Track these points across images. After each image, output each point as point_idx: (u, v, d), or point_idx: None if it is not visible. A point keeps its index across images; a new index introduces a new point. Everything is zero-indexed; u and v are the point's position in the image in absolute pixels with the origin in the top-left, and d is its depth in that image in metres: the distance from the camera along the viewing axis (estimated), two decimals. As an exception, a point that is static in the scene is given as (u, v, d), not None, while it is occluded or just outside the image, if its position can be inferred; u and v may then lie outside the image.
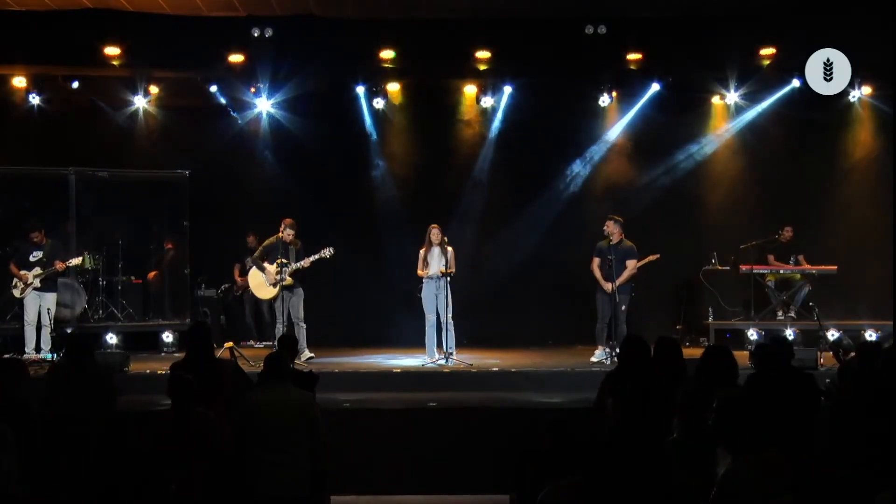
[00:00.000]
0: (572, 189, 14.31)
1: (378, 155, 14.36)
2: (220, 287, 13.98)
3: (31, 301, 11.77)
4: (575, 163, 14.29)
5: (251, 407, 6.00)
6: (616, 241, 11.40)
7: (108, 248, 13.47)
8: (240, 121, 14.02)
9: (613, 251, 11.31)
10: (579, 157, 14.28)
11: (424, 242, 11.69)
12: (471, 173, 14.30)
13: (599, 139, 14.26)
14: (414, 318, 12.04)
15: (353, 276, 13.58)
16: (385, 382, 10.45)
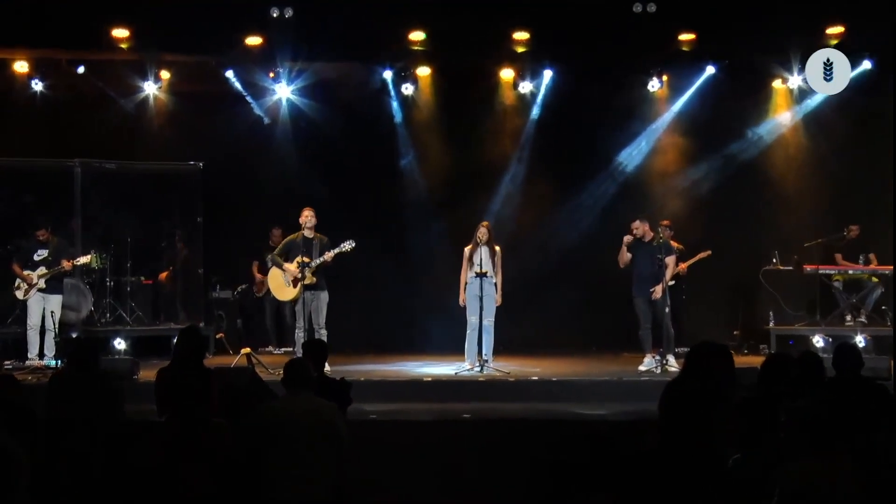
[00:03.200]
0: (618, 181, 14.27)
1: (406, 145, 14.40)
2: (237, 288, 14.06)
3: (34, 303, 11.88)
4: (621, 153, 14.25)
5: (269, 417, 6.00)
6: (650, 239, 11.41)
7: (116, 247, 13.59)
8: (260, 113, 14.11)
9: (648, 249, 11.33)
10: (626, 147, 14.24)
11: (471, 240, 11.68)
12: (507, 165, 14.29)
13: (648, 127, 14.20)
14: (446, 322, 12.06)
15: (380, 276, 13.61)
16: (415, 392, 10.49)
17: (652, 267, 11.35)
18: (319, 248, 11.31)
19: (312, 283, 11.32)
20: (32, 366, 11.46)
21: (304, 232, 11.40)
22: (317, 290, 11.40)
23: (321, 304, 11.42)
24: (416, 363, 12.31)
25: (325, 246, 11.32)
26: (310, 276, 11.26)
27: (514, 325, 12.92)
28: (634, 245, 11.53)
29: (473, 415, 9.40)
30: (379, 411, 9.44)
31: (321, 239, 11.42)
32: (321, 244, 11.36)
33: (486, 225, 11.67)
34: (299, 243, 11.38)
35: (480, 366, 11.20)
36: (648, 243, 11.43)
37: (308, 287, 11.32)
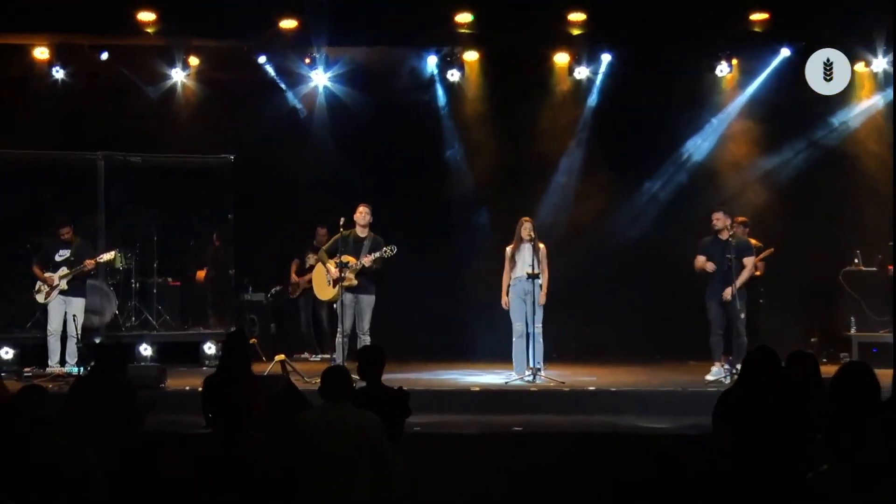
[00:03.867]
0: (684, 174, 14.17)
1: (452, 136, 14.42)
2: (270, 290, 14.14)
3: (55, 307, 11.99)
4: (687, 143, 14.15)
5: (305, 430, 6.00)
6: (727, 237, 11.27)
7: (142, 246, 13.75)
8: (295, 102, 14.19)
9: (725, 248, 11.19)
10: (692, 136, 14.14)
11: (514, 238, 11.65)
12: (561, 157, 14.25)
13: (716, 115, 14.09)
14: (495, 328, 12.04)
15: (424, 278, 13.61)
16: (462, 403, 10.48)
17: (723, 267, 11.21)
18: (370, 249, 11.33)
19: (353, 285, 11.33)
20: (53, 373, 11.59)
21: (357, 230, 11.44)
22: (360, 293, 11.42)
23: (364, 308, 11.44)
24: (462, 372, 12.32)
25: (376, 246, 11.32)
26: (350, 278, 11.29)
27: (569, 330, 12.88)
28: (711, 243, 11.36)
29: (525, 428, 9.38)
30: (423, 423, 9.38)
31: (374, 238, 11.43)
32: (373, 244, 11.37)
33: (528, 220, 11.61)
34: (349, 241, 11.41)
35: (532, 375, 11.17)
36: (725, 241, 11.26)
37: (349, 289, 11.34)
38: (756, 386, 6.26)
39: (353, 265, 11.27)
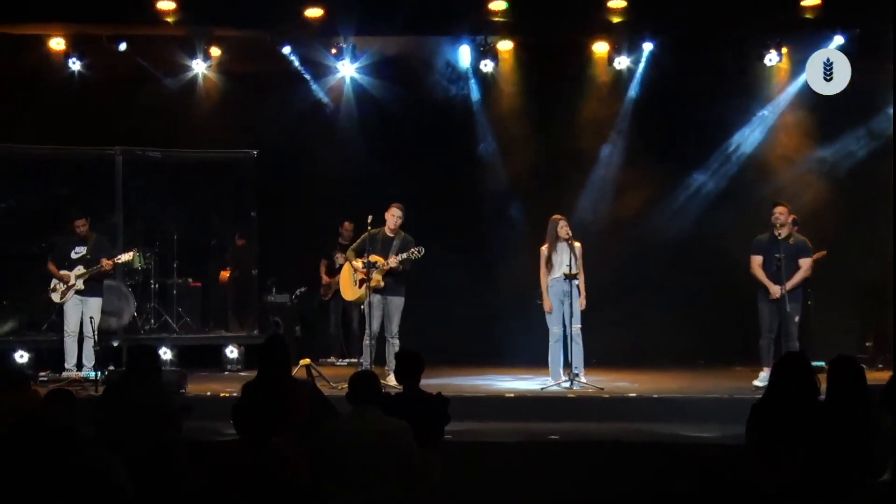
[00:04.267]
0: (731, 167, 14.09)
1: (485, 130, 14.42)
2: (295, 291, 14.16)
3: (71, 307, 12.04)
4: (734, 137, 14.07)
5: (330, 438, 6.00)
6: (785, 235, 11.14)
7: (161, 244, 13.85)
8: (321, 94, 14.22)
9: (783, 247, 11.06)
10: (739, 129, 14.06)
11: (547, 237, 11.63)
12: (600, 151, 14.21)
13: (765, 107, 14.00)
14: (531, 330, 12.01)
15: (455, 278, 13.62)
16: (496, 409, 10.47)
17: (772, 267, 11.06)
18: (399, 248, 11.32)
19: (380, 286, 11.31)
20: (69, 378, 11.62)
21: (386, 229, 11.43)
22: (388, 294, 11.41)
23: (393, 310, 11.44)
24: (496, 377, 12.31)
25: (406, 246, 11.31)
26: (377, 279, 11.27)
27: (608, 333, 12.81)
28: (769, 241, 11.22)
29: (562, 436, 9.35)
30: (455, 431, 9.23)
31: (404, 238, 11.42)
32: (402, 243, 11.36)
33: (562, 218, 11.56)
34: (377, 240, 11.39)
35: (570, 380, 11.13)
36: (783, 239, 11.12)
37: (377, 290, 11.33)
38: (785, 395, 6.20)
39: (381, 265, 11.27)
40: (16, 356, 12.56)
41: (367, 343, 11.40)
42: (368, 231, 11.40)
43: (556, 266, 11.47)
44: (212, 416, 9.28)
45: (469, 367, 13.03)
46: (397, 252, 11.27)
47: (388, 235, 11.43)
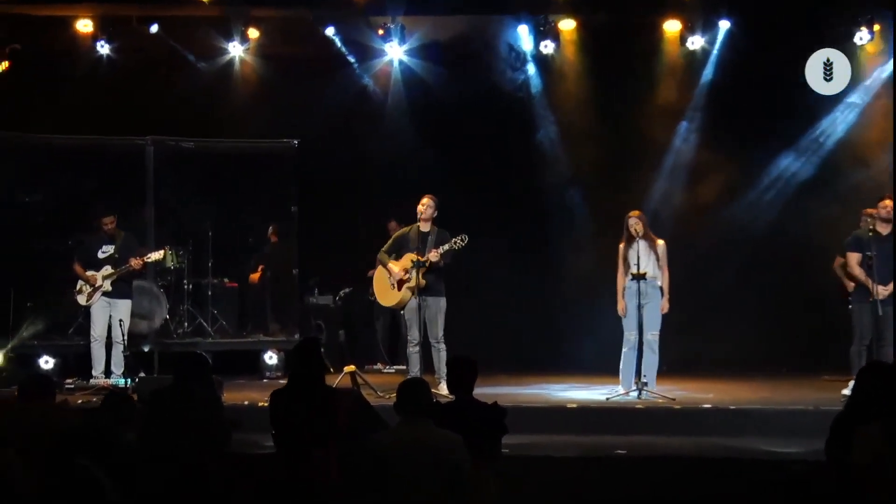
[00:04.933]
0: (815, 158, 13.94)
1: (545, 117, 14.38)
2: (339, 292, 14.20)
3: (99, 311, 12.11)
4: (823, 121, 13.91)
5: (377, 451, 6.00)
6: (888, 232, 10.98)
7: (195, 242, 13.92)
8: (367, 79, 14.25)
9: (881, 245, 10.91)
10: (827, 114, 13.90)
11: (623, 234, 11.58)
12: (671, 139, 14.12)
13: (855, 88, 13.82)
14: (596, 335, 11.97)
15: (513, 279, 13.64)
16: (557, 421, 10.43)
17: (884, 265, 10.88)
18: (436, 244, 11.21)
19: (422, 286, 11.21)
20: (97, 385, 11.72)
21: (420, 224, 11.34)
22: (428, 294, 11.29)
23: (436, 312, 11.34)
24: (558, 386, 12.26)
25: (443, 241, 11.20)
26: (416, 279, 11.18)
27: (680, 337, 12.70)
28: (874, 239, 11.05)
29: (629, 451, 9.31)
30: (513, 445, 9.22)
31: (440, 232, 11.33)
32: (439, 238, 11.26)
33: (636, 215, 11.50)
34: (412, 238, 11.34)
35: (638, 390, 11.06)
36: (886, 237, 10.96)
37: (419, 292, 11.22)
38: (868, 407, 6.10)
39: (416, 264, 11.15)
40: (40, 362, 12.67)
41: (412, 351, 11.37)
42: (402, 230, 11.49)
43: (632, 266, 11.39)
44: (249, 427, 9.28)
45: (526, 374, 13.02)
46: (435, 246, 11.19)
47: (422, 231, 11.33)
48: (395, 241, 11.56)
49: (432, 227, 11.35)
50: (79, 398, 11.15)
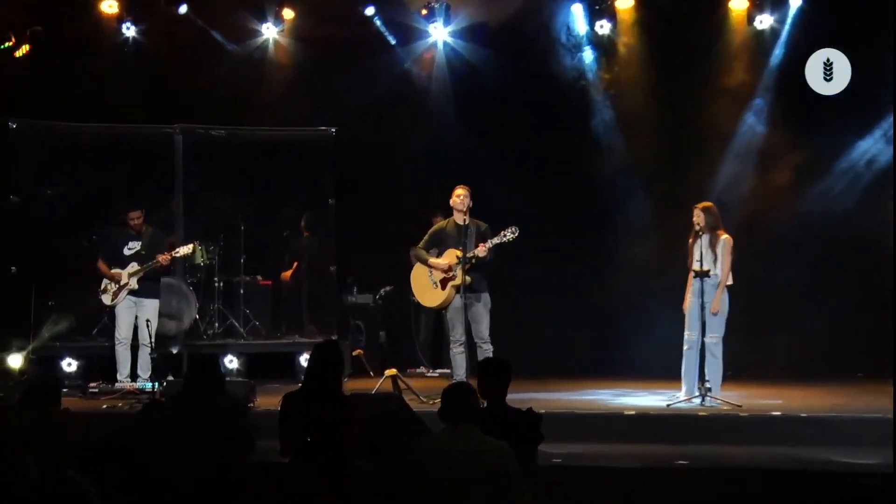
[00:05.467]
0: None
1: (601, 102, 14.32)
2: (379, 291, 14.20)
3: (124, 310, 12.17)
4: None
5: (422, 460, 5.99)
6: None
7: (226, 237, 14.01)
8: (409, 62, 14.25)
9: None
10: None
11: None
12: (738, 125, 14.01)
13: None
14: (655, 336, 11.92)
15: (565, 276, 13.63)
16: (613, 429, 10.41)
17: None
18: (475, 239, 11.20)
19: (467, 283, 11.18)
20: (123, 389, 11.79)
21: (456, 217, 11.35)
22: (475, 292, 11.27)
23: (481, 311, 11.33)
24: (614, 391, 12.24)
25: (483, 235, 11.23)
26: (461, 277, 11.16)
27: (746, 340, 12.62)
28: None
29: (692, 461, 9.25)
30: (565, 454, 9.38)
31: (478, 226, 11.33)
32: (478, 233, 11.27)
33: (700, 207, 11.42)
34: (450, 233, 11.35)
35: (702, 395, 11.01)
36: None
37: (461, 290, 11.18)
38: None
39: (460, 260, 11.15)
40: (63, 364, 12.78)
41: (456, 352, 11.33)
42: (439, 224, 11.50)
43: (696, 261, 11.32)
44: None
45: (581, 378, 13.02)
46: (476, 242, 11.15)
47: (459, 224, 11.31)
48: (432, 237, 11.55)
49: (470, 219, 11.33)
50: (103, 403, 11.23)
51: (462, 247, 11.12)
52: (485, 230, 11.28)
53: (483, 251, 11.03)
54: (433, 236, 11.54)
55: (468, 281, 11.18)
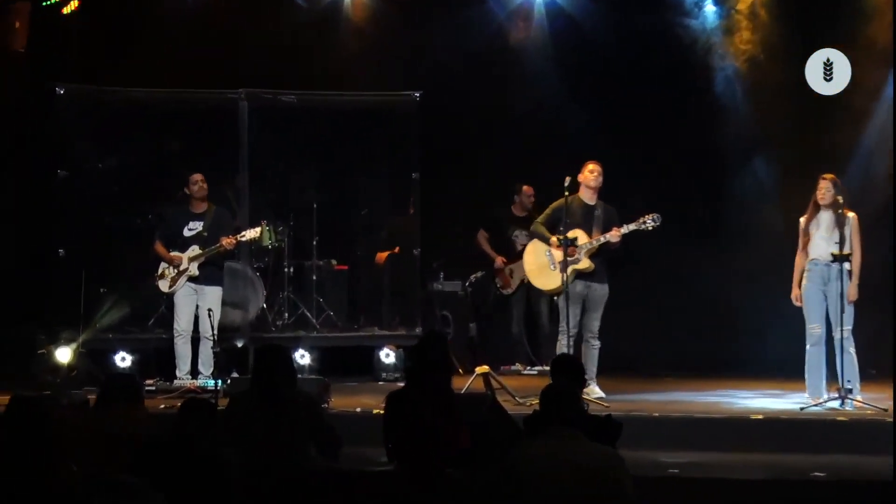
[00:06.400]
0: None
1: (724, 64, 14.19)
2: (469, 278, 14.15)
3: (184, 299, 12.19)
4: None
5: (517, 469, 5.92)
6: None
7: (297, 217, 14.04)
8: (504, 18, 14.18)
9: None
10: None
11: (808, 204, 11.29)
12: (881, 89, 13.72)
13: None
14: (786, 331, 11.74)
15: (681, 262, 13.58)
16: (738, 436, 10.29)
17: None
18: (602, 222, 11.21)
19: (589, 269, 11.20)
20: (183, 387, 11.80)
21: (583, 195, 11.32)
22: (594, 280, 11.31)
23: (598, 301, 11.38)
24: (739, 393, 12.12)
25: (611, 219, 11.21)
26: (586, 261, 11.17)
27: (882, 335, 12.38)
28: None
29: (829, 473, 9.08)
30: (682, 464, 9.35)
31: (606, 208, 11.33)
32: (607, 215, 11.27)
33: (829, 178, 11.21)
34: (575, 211, 11.27)
35: (840, 398, 10.82)
36: None
37: (581, 276, 11.20)
38: None
39: (588, 244, 11.17)
40: (116, 359, 12.83)
41: (564, 344, 11.25)
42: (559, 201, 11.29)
43: (816, 243, 11.13)
44: (362, 438, 9.27)
45: (700, 378, 12.99)
46: (605, 224, 11.11)
47: (587, 203, 11.35)
48: (554, 212, 11.47)
49: (598, 200, 11.37)
50: (160, 402, 11.23)
51: (586, 228, 11.19)
52: (612, 213, 11.33)
53: (616, 236, 11.08)
54: (555, 212, 11.46)
55: (590, 267, 11.20)
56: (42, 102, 13.30)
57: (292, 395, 7.45)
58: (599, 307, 11.38)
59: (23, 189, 13.78)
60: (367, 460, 8.81)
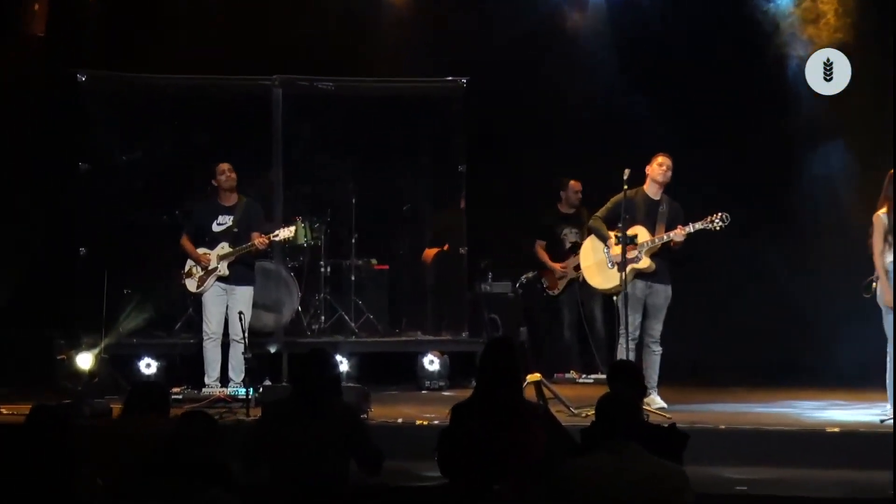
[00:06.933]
0: None
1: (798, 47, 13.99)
2: (520, 278, 14.10)
3: (213, 300, 12.15)
4: None
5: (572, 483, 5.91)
6: None
7: (335, 212, 14.02)
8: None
9: None
10: None
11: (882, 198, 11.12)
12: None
13: None
14: (863, 336, 11.59)
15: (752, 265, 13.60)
16: (812, 450, 10.10)
17: None
18: (667, 219, 11.15)
19: (649, 269, 11.17)
20: (211, 395, 11.74)
21: (649, 189, 11.29)
22: (656, 281, 11.26)
23: (661, 304, 11.34)
24: (813, 403, 11.98)
25: (676, 216, 11.17)
26: (647, 260, 11.14)
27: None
28: None
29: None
30: (752, 480, 9.23)
31: (672, 205, 11.28)
32: (672, 213, 11.22)
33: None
34: (639, 206, 11.24)
35: (925, 411, 10.69)
36: None
37: (641, 276, 11.17)
38: None
39: (648, 242, 11.12)
40: (141, 365, 12.88)
41: (624, 348, 11.14)
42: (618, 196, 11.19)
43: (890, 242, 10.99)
44: (405, 451, 9.27)
45: (771, 387, 12.90)
46: (670, 221, 11.08)
47: (651, 198, 11.30)
48: (614, 206, 11.38)
49: (663, 195, 11.33)
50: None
51: (648, 225, 11.17)
52: (678, 210, 11.28)
53: (681, 235, 11.02)
54: (616, 205, 11.33)
55: (650, 267, 11.16)
56: (62, 90, 13.33)
57: (332, 405, 7.39)
58: (662, 310, 11.32)
59: (41, 183, 13.81)
60: (410, 475, 8.79)
